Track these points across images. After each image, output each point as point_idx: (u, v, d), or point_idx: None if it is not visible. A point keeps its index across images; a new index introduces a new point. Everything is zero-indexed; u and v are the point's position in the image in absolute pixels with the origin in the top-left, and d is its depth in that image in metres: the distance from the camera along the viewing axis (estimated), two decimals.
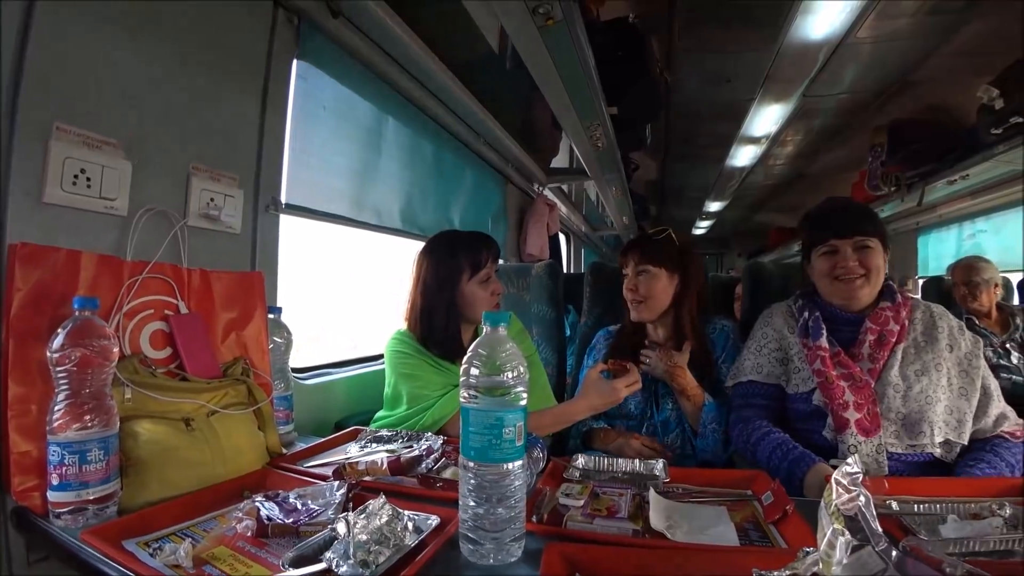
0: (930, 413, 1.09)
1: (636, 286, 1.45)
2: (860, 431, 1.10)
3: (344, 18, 1.45)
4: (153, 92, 1.02)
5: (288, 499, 0.79)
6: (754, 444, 1.17)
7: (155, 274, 0.98)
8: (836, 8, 2.40)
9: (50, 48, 0.85)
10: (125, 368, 0.86)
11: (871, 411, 1.11)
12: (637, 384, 1.26)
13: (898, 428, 1.10)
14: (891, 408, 1.11)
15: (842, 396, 1.13)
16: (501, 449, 0.65)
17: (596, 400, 1.27)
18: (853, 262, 1.18)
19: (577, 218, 4.72)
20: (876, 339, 1.17)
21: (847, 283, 1.20)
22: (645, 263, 1.45)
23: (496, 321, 0.69)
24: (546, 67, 1.70)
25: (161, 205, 1.02)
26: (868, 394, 1.12)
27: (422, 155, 2.09)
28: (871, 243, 1.19)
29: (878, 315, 1.19)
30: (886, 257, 1.21)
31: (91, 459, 0.75)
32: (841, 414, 1.12)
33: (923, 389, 1.11)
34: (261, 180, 1.25)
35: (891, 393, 1.12)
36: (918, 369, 1.13)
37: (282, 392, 1.19)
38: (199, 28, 1.10)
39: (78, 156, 0.89)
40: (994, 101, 2.72)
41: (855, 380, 1.14)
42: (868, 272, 1.18)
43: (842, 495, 0.60)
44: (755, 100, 3.35)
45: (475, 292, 1.33)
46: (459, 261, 1.32)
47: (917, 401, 1.10)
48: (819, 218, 1.28)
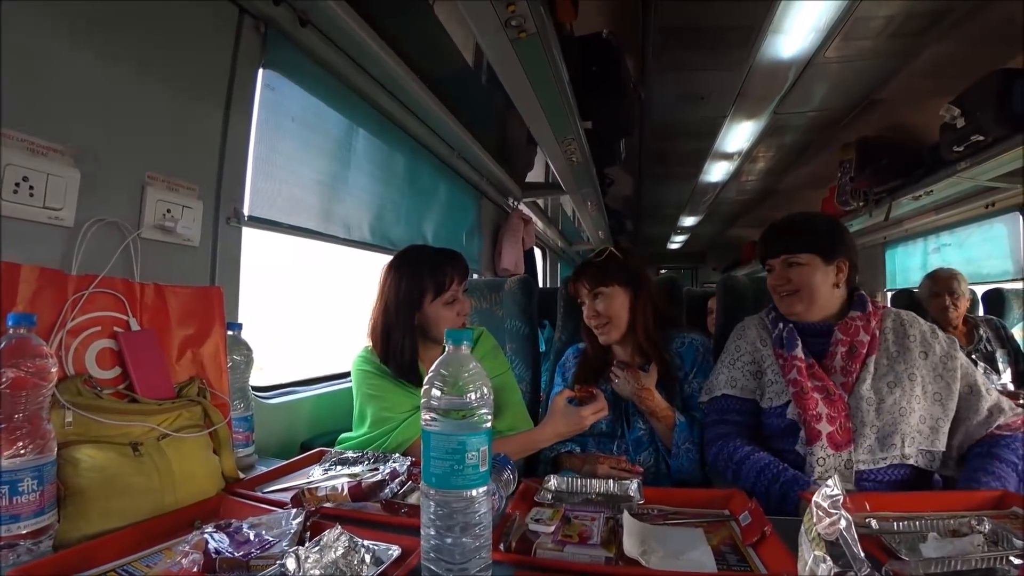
0: (903, 425, 1.09)
1: (597, 311, 1.44)
2: (831, 444, 1.10)
3: (313, 27, 1.42)
4: (107, 97, 0.97)
5: (241, 529, 0.74)
6: (737, 464, 1.16)
7: (104, 288, 0.92)
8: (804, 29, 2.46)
9: None
10: (67, 390, 0.81)
11: (843, 425, 1.11)
12: (603, 412, 1.26)
13: (871, 443, 1.10)
14: (865, 422, 1.11)
15: (815, 408, 1.13)
16: (464, 475, 0.61)
17: (562, 428, 1.26)
18: (781, 280, 1.24)
19: (553, 233, 4.73)
20: (847, 351, 1.18)
21: (780, 299, 1.26)
22: (598, 285, 1.44)
23: (459, 339, 0.65)
24: (520, 81, 1.70)
25: (112, 216, 0.97)
26: (841, 407, 1.13)
27: (394, 168, 2.06)
28: (802, 259, 1.21)
29: (847, 325, 1.20)
30: (842, 266, 1.22)
31: (23, 489, 0.68)
32: (814, 426, 1.11)
33: (896, 401, 1.11)
34: (223, 191, 1.21)
35: (864, 407, 1.12)
36: (891, 381, 1.13)
37: (241, 413, 1.14)
38: (159, 31, 1.06)
39: (20, 163, 0.84)
40: (955, 120, 2.81)
41: (829, 393, 1.14)
42: (799, 288, 1.22)
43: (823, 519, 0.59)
44: (727, 117, 3.41)
45: (440, 313, 1.29)
46: (423, 281, 1.27)
47: (891, 414, 1.10)
48: (761, 237, 1.32)
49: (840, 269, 1.23)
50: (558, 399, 1.28)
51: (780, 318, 1.28)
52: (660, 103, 3.52)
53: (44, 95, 0.88)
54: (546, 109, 1.93)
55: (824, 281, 1.22)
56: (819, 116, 3.69)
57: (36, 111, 0.87)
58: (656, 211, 6.91)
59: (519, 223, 3.26)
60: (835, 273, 1.22)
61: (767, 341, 1.28)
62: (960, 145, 2.81)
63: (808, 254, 1.21)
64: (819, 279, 1.21)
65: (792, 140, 4.23)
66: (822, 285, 1.22)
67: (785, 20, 2.37)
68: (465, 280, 1.34)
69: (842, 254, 1.23)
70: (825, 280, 1.22)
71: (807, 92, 3.31)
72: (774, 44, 2.58)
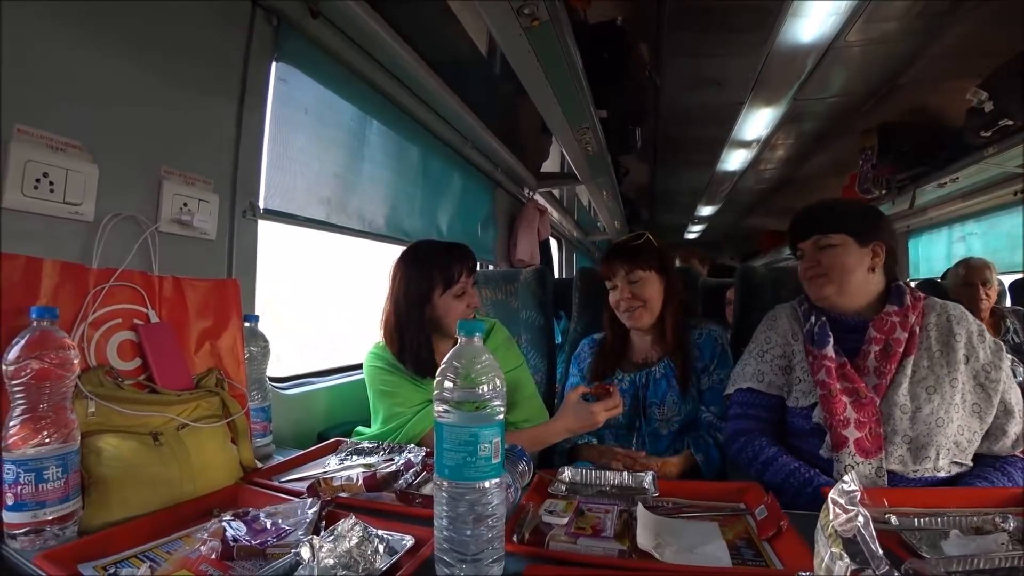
0: (939, 436, 1.02)
1: (632, 293, 1.42)
2: (859, 451, 1.03)
3: (324, 18, 1.42)
4: (123, 93, 0.98)
5: (258, 518, 0.76)
6: (762, 465, 1.11)
7: (123, 282, 0.94)
8: (825, 11, 2.40)
9: (11, 47, 0.81)
10: (89, 380, 0.82)
11: (873, 431, 1.04)
12: (618, 409, 1.21)
13: (903, 452, 1.03)
14: (897, 431, 1.03)
15: (843, 412, 1.05)
16: (476, 467, 0.61)
17: (573, 424, 1.23)
18: (812, 263, 1.17)
19: (569, 223, 4.70)
20: (881, 349, 1.09)
21: (810, 283, 1.18)
22: (635, 268, 1.42)
23: (471, 331, 0.65)
24: (533, 70, 1.68)
25: (130, 210, 0.98)
26: (872, 412, 1.05)
27: (408, 159, 2.05)
28: (833, 239, 1.14)
29: (882, 321, 1.11)
30: (878, 250, 1.14)
31: (48, 477, 0.71)
32: (840, 431, 1.04)
33: (933, 411, 1.03)
34: (238, 184, 1.22)
35: (898, 414, 1.04)
36: (930, 386, 1.05)
37: (259, 403, 1.15)
38: (173, 27, 1.06)
39: (40, 159, 0.86)
40: (983, 104, 2.72)
41: (859, 396, 1.07)
42: (829, 271, 1.14)
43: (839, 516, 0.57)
44: (745, 104, 3.34)
45: (450, 305, 1.29)
46: (431, 275, 1.28)
47: (926, 424, 1.02)
48: (790, 223, 1.24)
49: (876, 253, 1.14)
50: (571, 394, 1.25)
51: (813, 310, 1.20)
52: (676, 89, 3.45)
53: (62, 92, 0.89)
54: (560, 98, 1.91)
55: (858, 265, 1.13)
56: (840, 102, 3.59)
57: (55, 108, 0.88)
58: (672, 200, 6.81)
59: (534, 213, 3.25)
60: (870, 257, 1.14)
61: (799, 335, 1.20)
62: (987, 130, 2.72)
63: (840, 234, 1.13)
64: (852, 262, 1.13)
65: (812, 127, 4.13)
66: (856, 269, 1.13)
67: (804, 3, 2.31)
68: (473, 273, 1.34)
69: (878, 237, 1.14)
70: (860, 264, 1.13)
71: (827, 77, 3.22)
72: (793, 28, 2.52)
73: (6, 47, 0.81)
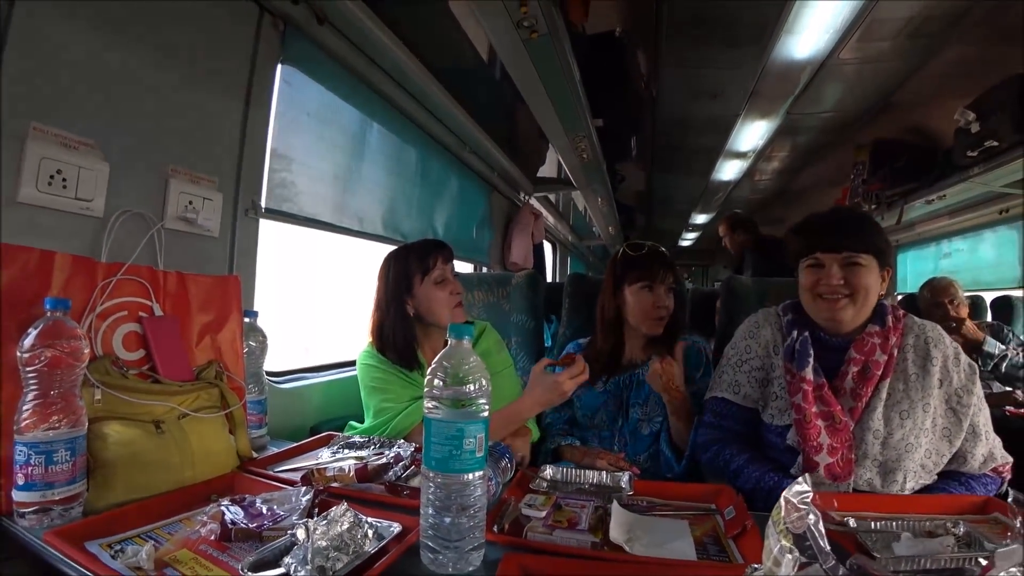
0: (907, 461, 1.04)
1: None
2: (829, 476, 1.04)
3: (330, 24, 1.46)
4: (134, 93, 1.02)
5: (255, 504, 0.80)
6: (733, 474, 1.13)
7: (130, 276, 0.98)
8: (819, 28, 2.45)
9: (28, 48, 0.86)
10: (96, 369, 0.87)
11: (845, 456, 1.04)
12: (584, 376, 1.19)
13: (872, 476, 1.05)
14: (868, 455, 1.04)
15: (817, 437, 1.05)
16: (461, 460, 0.66)
17: (540, 395, 1.21)
18: (838, 280, 1.08)
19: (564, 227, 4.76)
20: (860, 371, 1.08)
21: (829, 302, 1.10)
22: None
23: (461, 334, 0.70)
24: (531, 79, 1.73)
25: (138, 207, 1.02)
26: (845, 438, 1.05)
27: (407, 161, 2.10)
28: (862, 260, 1.08)
29: (863, 342, 1.09)
30: (885, 276, 1.12)
31: (57, 460, 0.75)
32: (812, 456, 1.04)
33: (904, 436, 1.04)
34: (241, 184, 1.26)
35: (870, 439, 1.05)
36: (904, 410, 1.05)
37: (256, 396, 1.19)
38: (183, 30, 1.11)
39: (54, 156, 0.90)
40: (970, 124, 2.79)
41: (834, 421, 1.06)
42: (854, 292, 1.08)
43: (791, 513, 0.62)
44: (740, 115, 3.40)
45: (431, 293, 1.33)
46: (408, 265, 1.33)
47: (896, 449, 1.04)
48: (809, 226, 1.17)
49: (885, 278, 1.12)
50: (536, 367, 1.25)
51: (796, 324, 1.16)
52: (673, 99, 3.52)
53: (76, 92, 0.93)
54: (557, 107, 1.96)
55: (876, 289, 1.10)
56: (833, 117, 3.67)
57: (68, 107, 0.92)
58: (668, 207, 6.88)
59: (529, 217, 3.30)
60: (882, 282, 1.11)
61: (779, 348, 1.17)
62: (974, 150, 2.79)
63: (869, 255, 1.08)
64: (874, 285, 1.09)
65: (806, 140, 4.20)
66: (874, 293, 1.10)
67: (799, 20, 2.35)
68: (450, 261, 1.38)
69: (890, 262, 1.13)
70: (877, 288, 1.10)
71: (821, 93, 3.29)
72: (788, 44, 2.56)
73: (23, 47, 0.85)
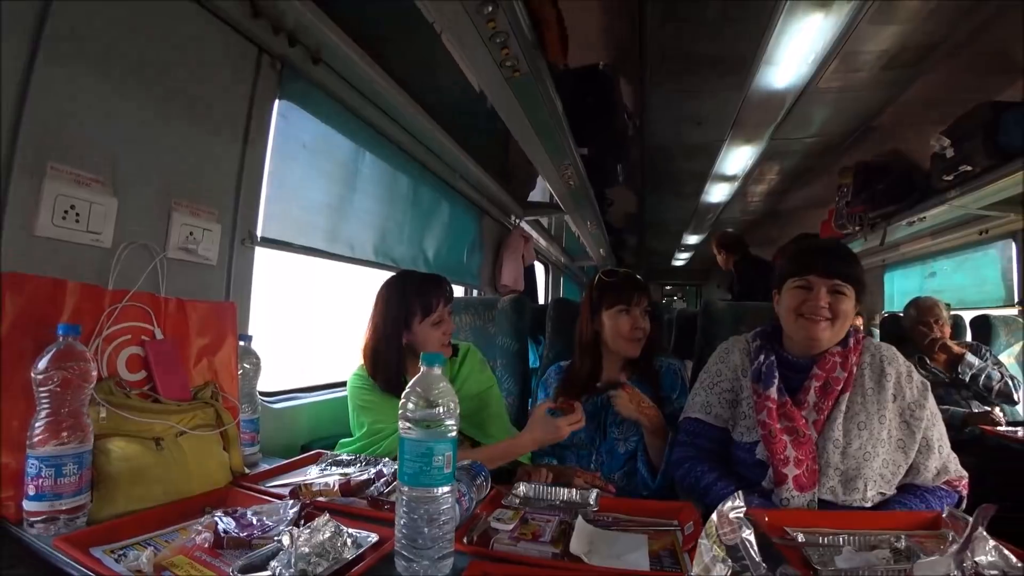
0: (866, 469, 1.10)
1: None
2: (796, 487, 1.11)
3: (325, 63, 1.56)
4: (141, 131, 1.11)
5: (246, 515, 0.86)
6: (704, 489, 1.20)
7: (134, 302, 1.06)
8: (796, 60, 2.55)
9: (46, 94, 0.95)
10: (102, 389, 0.94)
11: (810, 467, 1.12)
12: (580, 423, 1.33)
13: (835, 484, 1.11)
14: (830, 463, 1.12)
15: (783, 451, 1.13)
16: (431, 475, 0.73)
17: (540, 435, 1.33)
18: (824, 303, 1.16)
19: (556, 249, 4.85)
20: (821, 387, 1.17)
21: (812, 322, 1.17)
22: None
23: (431, 361, 0.78)
24: (516, 113, 1.83)
25: (143, 238, 1.11)
26: (809, 450, 1.13)
27: (398, 189, 2.19)
28: (847, 290, 1.17)
29: (826, 360, 1.18)
30: (857, 308, 1.20)
31: (66, 472, 0.82)
32: (780, 469, 1.12)
33: (862, 445, 1.12)
34: (239, 214, 1.35)
35: (831, 448, 1.12)
36: (861, 421, 1.14)
37: (249, 415, 1.26)
38: (187, 71, 1.20)
39: (69, 193, 0.98)
40: (945, 150, 2.89)
41: (798, 434, 1.14)
42: (835, 317, 1.16)
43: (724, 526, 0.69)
44: (725, 141, 3.50)
45: (427, 333, 1.41)
46: (411, 305, 1.40)
47: (855, 458, 1.11)
48: (802, 251, 1.24)
49: (857, 310, 1.21)
50: (538, 409, 1.37)
51: (764, 349, 1.26)
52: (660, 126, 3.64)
53: (88, 133, 1.02)
54: (542, 138, 2.06)
55: (852, 317, 1.19)
56: (816, 142, 3.79)
57: (81, 146, 1.01)
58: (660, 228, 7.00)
59: (520, 241, 3.39)
60: (854, 312, 1.20)
61: (747, 371, 1.27)
62: (949, 174, 2.88)
63: (851, 286, 1.17)
64: (851, 314, 1.18)
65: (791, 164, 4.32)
66: (850, 320, 1.19)
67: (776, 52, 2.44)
68: (450, 303, 1.45)
69: (863, 299, 1.21)
70: (852, 316, 1.19)
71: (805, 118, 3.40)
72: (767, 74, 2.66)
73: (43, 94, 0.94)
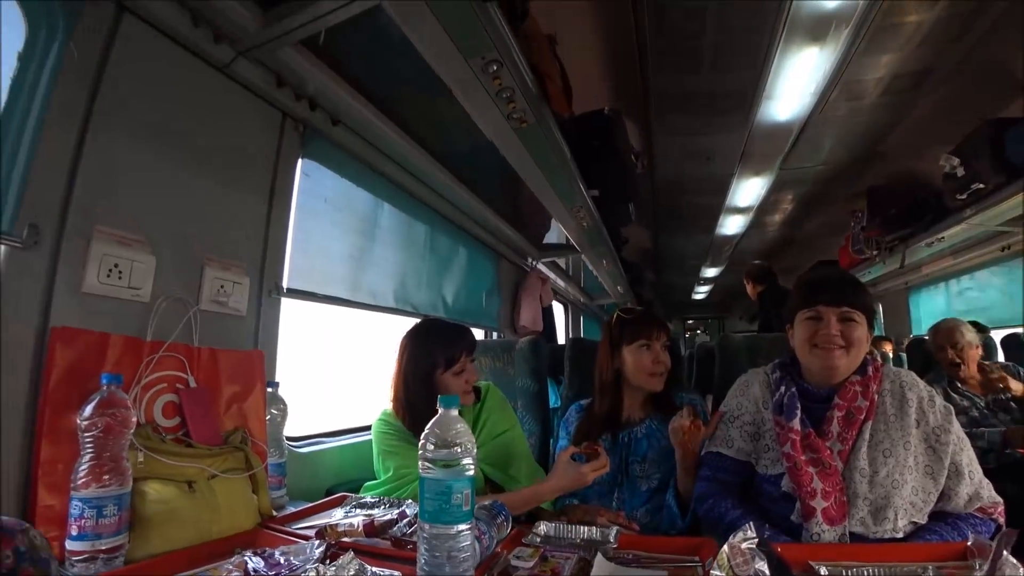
0: (895, 498, 1.08)
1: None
2: (826, 520, 1.08)
3: (344, 124, 1.68)
4: (176, 193, 1.21)
5: (274, 555, 0.89)
6: (728, 526, 1.15)
7: (170, 352, 1.13)
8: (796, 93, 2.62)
9: (95, 163, 1.04)
10: (140, 434, 0.99)
11: (838, 499, 1.10)
12: (604, 469, 1.32)
13: (864, 515, 1.09)
14: (858, 494, 1.09)
15: (810, 483, 1.11)
16: (450, 512, 0.76)
17: (564, 483, 1.33)
18: (835, 331, 1.16)
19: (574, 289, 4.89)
20: (844, 416, 1.15)
21: (826, 351, 1.17)
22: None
23: (449, 404, 0.82)
24: (526, 161, 1.91)
25: (178, 292, 1.19)
26: (836, 482, 1.11)
27: (415, 237, 2.29)
28: (857, 317, 1.17)
29: (847, 390, 1.17)
30: (869, 335, 1.20)
31: (107, 514, 0.86)
32: (808, 502, 1.10)
33: (889, 473, 1.09)
34: (266, 268, 1.43)
35: (858, 478, 1.10)
36: (886, 449, 1.12)
37: (276, 459, 1.30)
38: (218, 137, 1.30)
39: (113, 253, 1.07)
40: (955, 169, 2.90)
41: (824, 466, 1.12)
42: (849, 344, 1.17)
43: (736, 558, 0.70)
44: (735, 174, 3.56)
45: (449, 382, 1.43)
46: (435, 355, 1.43)
47: (883, 486, 1.09)
48: (809, 283, 1.26)
49: (869, 337, 1.20)
50: (562, 455, 1.36)
51: (784, 380, 1.24)
52: (668, 163, 3.70)
53: (130, 196, 1.12)
54: (553, 183, 2.13)
55: (866, 344, 1.19)
56: (826, 169, 3.80)
57: (124, 209, 1.10)
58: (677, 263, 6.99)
59: (537, 282, 3.44)
60: (868, 340, 1.20)
61: (768, 403, 1.25)
62: (962, 193, 2.88)
63: (861, 313, 1.18)
64: (865, 340, 1.18)
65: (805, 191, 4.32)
66: (864, 347, 1.19)
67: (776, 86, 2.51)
68: (472, 353, 1.48)
69: (873, 324, 1.22)
70: (866, 343, 1.19)
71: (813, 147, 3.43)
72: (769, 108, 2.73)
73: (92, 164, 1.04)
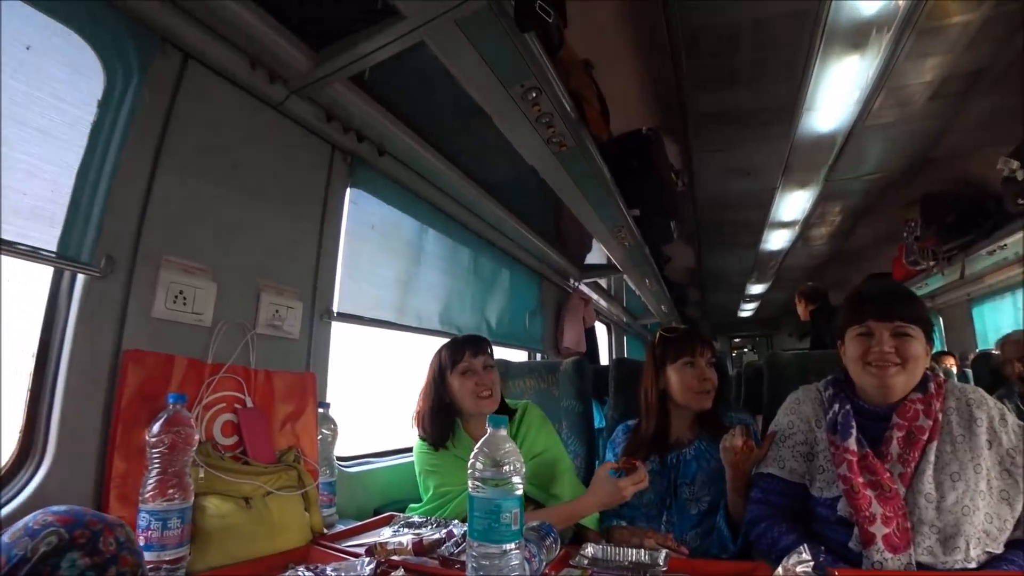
0: (967, 526, 0.98)
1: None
2: (888, 547, 0.99)
3: (389, 155, 1.75)
4: (235, 223, 1.28)
5: (325, 572, 0.91)
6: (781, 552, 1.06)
7: (229, 374, 1.19)
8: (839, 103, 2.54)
9: (163, 197, 1.13)
10: (201, 452, 1.05)
11: (901, 525, 1.01)
12: (643, 484, 1.29)
13: (932, 544, 0.99)
14: (924, 521, 1.00)
15: (868, 507, 1.02)
16: (500, 531, 0.77)
17: (602, 497, 1.31)
18: (889, 348, 1.08)
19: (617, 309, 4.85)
20: (905, 436, 1.07)
21: (881, 369, 1.09)
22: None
23: (497, 424, 0.84)
24: (566, 183, 1.94)
25: (237, 317, 1.25)
26: (898, 506, 1.02)
27: (460, 261, 2.34)
28: (911, 331, 1.09)
29: (906, 409, 1.08)
30: (928, 349, 1.12)
31: (171, 526, 0.91)
32: (867, 527, 1.01)
33: (959, 499, 1.00)
34: (317, 292, 1.49)
35: (923, 503, 1.01)
36: (955, 472, 1.02)
37: (327, 478, 1.34)
38: (272, 170, 1.38)
39: (179, 280, 1.14)
40: (1015, 172, 2.74)
41: (883, 489, 1.04)
42: (905, 361, 1.08)
43: None
44: (778, 189, 3.48)
45: (458, 384, 1.45)
46: (442, 360, 1.48)
47: (952, 513, 0.99)
48: (858, 297, 1.18)
49: (928, 352, 1.12)
50: (600, 470, 1.35)
51: (838, 397, 1.17)
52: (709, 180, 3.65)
53: (194, 227, 1.19)
54: (593, 204, 2.15)
55: (924, 360, 1.11)
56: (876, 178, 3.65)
57: (189, 240, 1.18)
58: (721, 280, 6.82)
59: (579, 303, 3.44)
60: (927, 355, 1.12)
61: (822, 422, 1.17)
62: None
63: (917, 328, 1.10)
64: (923, 356, 1.10)
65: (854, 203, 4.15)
66: (922, 363, 1.10)
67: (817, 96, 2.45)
68: (480, 355, 1.48)
69: (932, 338, 1.14)
70: (924, 359, 1.11)
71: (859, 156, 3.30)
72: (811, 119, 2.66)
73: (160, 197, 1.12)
